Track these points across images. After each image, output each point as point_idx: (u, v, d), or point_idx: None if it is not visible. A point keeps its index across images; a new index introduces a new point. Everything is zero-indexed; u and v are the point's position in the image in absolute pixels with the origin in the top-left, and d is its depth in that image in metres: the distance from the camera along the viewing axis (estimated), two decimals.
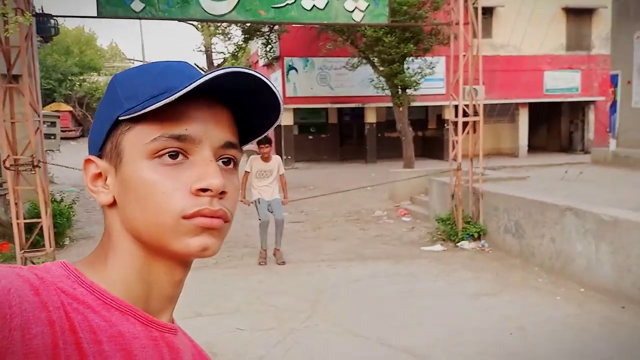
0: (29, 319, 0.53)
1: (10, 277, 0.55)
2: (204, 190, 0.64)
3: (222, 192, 0.66)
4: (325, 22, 8.21)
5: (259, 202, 7.05)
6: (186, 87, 0.61)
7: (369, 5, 7.61)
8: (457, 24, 8.11)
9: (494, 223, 7.80)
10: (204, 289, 5.94)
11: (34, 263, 6.74)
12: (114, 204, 0.69)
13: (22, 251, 6.58)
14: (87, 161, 0.70)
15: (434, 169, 11.34)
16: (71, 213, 9.01)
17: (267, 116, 0.73)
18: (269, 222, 7.11)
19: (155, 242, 0.66)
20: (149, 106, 0.63)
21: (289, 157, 20.73)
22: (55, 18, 7.51)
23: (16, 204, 6.47)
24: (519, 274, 6.54)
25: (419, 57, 15.56)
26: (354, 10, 7.60)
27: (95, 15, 6.82)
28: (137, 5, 6.87)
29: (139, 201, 0.65)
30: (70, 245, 8.45)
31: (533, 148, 22.50)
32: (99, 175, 0.70)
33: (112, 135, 0.68)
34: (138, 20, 7.17)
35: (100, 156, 0.70)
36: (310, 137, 23.21)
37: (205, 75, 0.62)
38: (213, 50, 28.06)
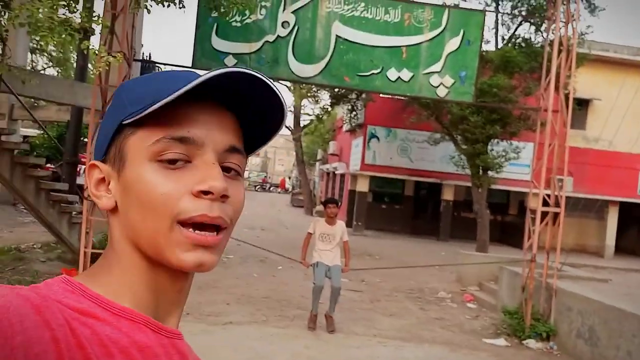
0: (31, 338, 0.52)
1: (10, 296, 0.54)
2: (206, 192, 0.63)
3: (224, 196, 0.64)
4: (408, 94, 8.24)
5: (317, 266, 6.87)
6: (185, 86, 0.60)
7: (454, 82, 7.57)
8: (546, 110, 7.86)
9: (565, 325, 7.17)
10: (250, 346, 5.80)
11: None
12: (116, 210, 0.68)
13: None
14: (91, 166, 0.70)
15: (507, 256, 10.77)
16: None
17: (272, 124, 0.72)
18: (322, 287, 6.89)
19: (152, 252, 0.65)
20: (149, 109, 0.62)
21: (360, 223, 20.56)
22: (157, 65, 8.08)
23: (87, 233, 6.74)
24: None
25: (504, 140, 15.21)
26: (438, 86, 7.58)
27: (190, 65, 7.22)
28: (230, 61, 7.23)
29: (138, 204, 0.64)
30: None
31: (621, 249, 20.97)
32: (103, 180, 0.69)
33: (116, 140, 0.67)
34: None
35: (104, 161, 0.69)
36: (384, 206, 23.01)
37: (203, 75, 0.61)
38: (302, 112, 29.05)
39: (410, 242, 19.33)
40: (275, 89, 0.66)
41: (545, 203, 7.76)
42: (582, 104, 18.87)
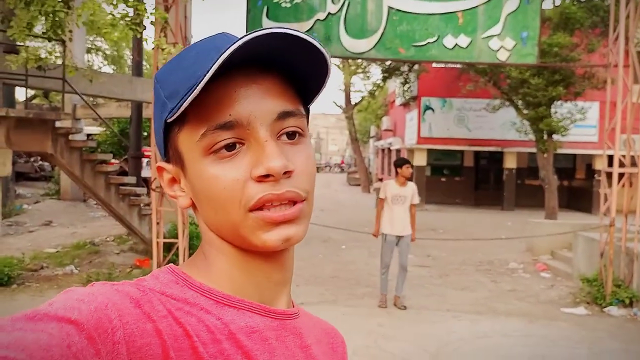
0: (132, 332, 0.53)
1: (108, 293, 0.55)
2: (266, 176, 0.59)
3: (287, 172, 0.60)
4: (467, 61, 7.94)
5: (385, 240, 6.75)
6: (209, 69, 0.55)
7: (516, 44, 7.22)
8: (616, 66, 7.39)
9: None
10: None
11: None
12: (195, 206, 0.67)
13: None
14: (159, 169, 0.69)
15: (580, 222, 10.34)
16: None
17: (319, 73, 0.64)
18: (389, 265, 6.80)
19: (237, 240, 0.63)
20: (182, 104, 0.58)
21: (420, 198, 20.29)
22: None
23: (158, 223, 6.92)
24: None
25: (568, 101, 14.51)
26: (499, 50, 7.26)
27: None
28: None
29: (208, 202, 0.63)
30: None
31: None
32: (174, 180, 0.68)
33: (170, 139, 0.65)
34: None
35: (167, 161, 0.68)
36: (443, 179, 22.59)
37: (229, 47, 0.55)
38: (352, 89, 28.79)
39: (473, 213, 18.92)
40: (311, 40, 0.58)
41: (620, 164, 7.33)
42: None
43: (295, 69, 0.63)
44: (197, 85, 0.56)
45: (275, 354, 0.63)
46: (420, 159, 20.71)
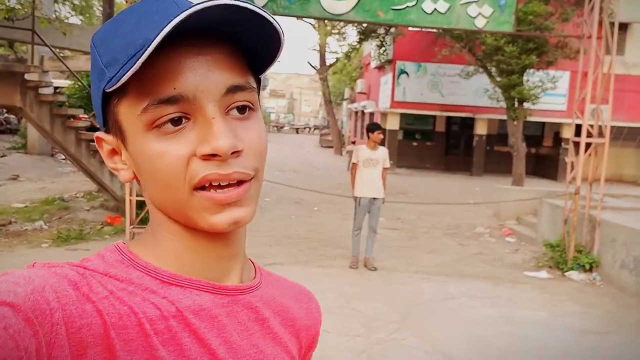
0: (71, 312, 0.52)
1: (46, 276, 0.53)
2: (212, 155, 0.56)
3: (235, 152, 0.57)
4: (445, 26, 7.94)
5: (359, 204, 6.89)
6: (152, 40, 0.51)
7: (493, 11, 7.25)
8: (589, 37, 7.51)
9: (609, 256, 7.13)
10: None
11: None
12: (138, 179, 0.63)
13: (132, 226, 6.98)
14: (98, 139, 0.64)
15: (546, 189, 10.65)
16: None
17: (272, 43, 0.60)
18: (361, 228, 6.98)
19: (183, 219, 0.61)
20: (122, 76, 0.53)
21: (391, 161, 20.42)
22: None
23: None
24: (634, 315, 5.91)
25: (540, 70, 14.70)
26: (477, 16, 7.28)
27: None
28: (260, 1, 7.03)
29: (152, 179, 0.60)
30: None
31: None
32: (114, 151, 0.63)
33: (109, 109, 0.60)
34: None
35: (107, 131, 0.63)
36: (415, 143, 22.79)
37: (175, 16, 0.51)
38: (327, 50, 28.45)
39: (443, 178, 19.23)
40: (263, 13, 0.55)
41: (588, 134, 7.54)
42: (621, 29, 17.97)
43: (246, 39, 0.59)
44: (139, 57, 0.52)
45: (226, 330, 0.62)
46: (393, 123, 20.82)
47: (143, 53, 0.52)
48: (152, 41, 0.51)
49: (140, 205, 7.33)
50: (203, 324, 0.60)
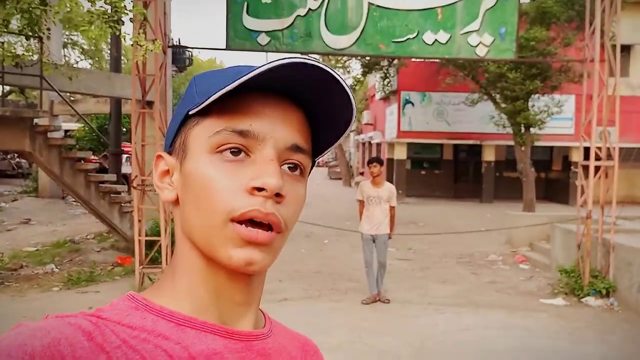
0: None
1: (61, 328, 0.55)
2: (259, 189, 0.60)
3: (279, 195, 0.61)
4: (447, 56, 8.00)
5: (362, 239, 6.79)
6: (245, 75, 0.58)
7: (494, 40, 7.31)
8: (592, 61, 7.54)
9: (626, 280, 6.99)
10: (307, 322, 5.85)
11: (150, 279, 7.10)
12: (177, 202, 0.67)
13: (141, 266, 6.96)
14: (158, 157, 0.69)
15: (557, 214, 10.54)
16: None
17: (340, 122, 0.68)
18: (372, 263, 6.84)
19: (205, 246, 0.63)
20: (210, 96, 0.61)
21: (400, 191, 20.36)
22: (189, 50, 7.99)
23: (139, 221, 6.88)
24: None
25: (545, 95, 14.73)
26: (478, 45, 7.34)
27: (224, 47, 7.18)
28: (263, 39, 7.15)
29: (195, 198, 0.63)
30: None
31: None
32: (167, 172, 0.68)
33: (182, 131, 0.66)
34: (264, 53, 7.47)
35: (170, 152, 0.68)
36: (423, 172, 22.76)
37: (263, 65, 0.59)
38: None
39: (453, 206, 19.11)
40: (341, 81, 0.61)
41: (596, 156, 7.50)
42: (624, 50, 18.05)
43: (319, 111, 0.66)
44: (230, 85, 0.59)
45: None
46: (400, 153, 20.84)
47: (233, 82, 0.59)
48: (244, 75, 0.58)
49: (150, 245, 7.33)
50: None
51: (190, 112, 0.64)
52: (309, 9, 7.14)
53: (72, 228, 11.75)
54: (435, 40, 7.33)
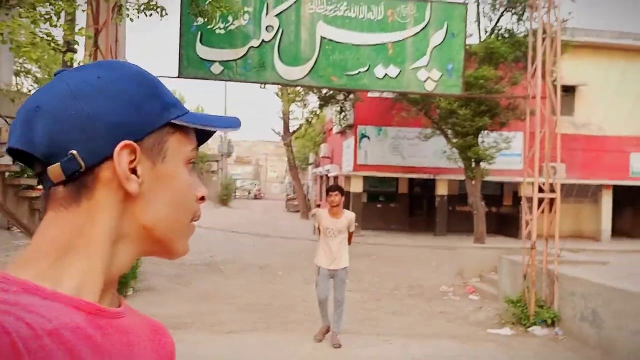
0: None
1: None
2: (202, 198, 0.77)
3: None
4: (397, 90, 8.24)
5: (319, 274, 6.28)
6: (216, 128, 0.76)
7: (442, 75, 7.57)
8: (534, 97, 7.88)
9: (569, 309, 7.18)
10: (254, 353, 5.75)
11: None
12: (129, 196, 0.69)
13: None
14: (130, 146, 0.68)
15: (505, 246, 10.79)
16: (138, 264, 9.20)
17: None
18: (327, 298, 6.32)
19: (168, 236, 0.73)
20: (199, 123, 0.74)
21: (356, 224, 20.47)
22: None
23: None
24: None
25: (494, 131, 15.25)
26: (426, 80, 7.58)
27: (177, 75, 7.18)
28: (216, 69, 7.19)
29: (171, 198, 0.72)
30: (133, 296, 8.57)
31: (617, 232, 21.06)
32: (131, 162, 0.69)
33: (157, 133, 0.71)
34: (224, 86, 7.51)
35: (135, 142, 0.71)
36: (379, 205, 22.99)
37: (214, 121, 0.76)
38: (290, 117, 29.01)
39: (407, 239, 19.30)
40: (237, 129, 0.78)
41: (540, 190, 7.77)
42: (569, 91, 18.98)
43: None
44: (217, 127, 0.76)
45: (100, 351, 0.64)
46: (356, 186, 21.03)
47: (209, 126, 0.75)
48: (217, 129, 0.76)
49: None
50: (79, 341, 0.61)
51: (175, 122, 0.72)
52: (263, 40, 7.25)
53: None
54: (386, 74, 7.54)
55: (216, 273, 11.11)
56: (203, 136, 0.80)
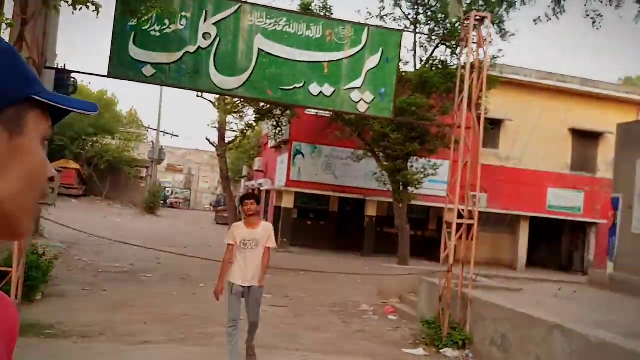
0: None
1: None
2: (51, 179, 0.75)
3: None
4: (330, 108, 8.37)
5: (232, 292, 5.66)
6: (80, 108, 0.74)
7: (374, 98, 7.77)
8: (460, 127, 8.22)
9: (480, 332, 7.45)
10: None
11: None
12: None
13: None
14: None
15: (426, 268, 11.08)
16: (50, 268, 8.73)
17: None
18: (238, 322, 5.62)
19: (15, 214, 0.69)
20: (59, 102, 0.71)
21: (285, 239, 20.50)
22: (71, 74, 7.61)
23: None
24: None
25: (423, 157, 15.75)
26: (359, 102, 7.75)
27: (106, 74, 6.97)
28: (148, 70, 7.04)
29: (26, 173, 0.69)
30: (42, 301, 8.13)
31: (532, 263, 22.16)
32: None
33: (17, 106, 0.69)
34: (160, 91, 7.34)
35: None
36: (309, 222, 23.09)
37: (72, 102, 0.74)
38: (227, 128, 28.71)
39: (334, 258, 19.45)
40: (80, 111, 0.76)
41: (460, 217, 8.08)
42: (495, 124, 19.92)
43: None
44: (75, 108, 0.74)
45: None
46: (288, 201, 21.06)
47: (67, 105, 0.73)
48: (74, 109, 0.74)
49: (1, 276, 6.68)
50: None
51: (36, 98, 0.70)
52: (199, 46, 7.19)
53: None
54: (321, 92, 7.65)
55: (135, 282, 10.74)
56: (57, 117, 0.78)
